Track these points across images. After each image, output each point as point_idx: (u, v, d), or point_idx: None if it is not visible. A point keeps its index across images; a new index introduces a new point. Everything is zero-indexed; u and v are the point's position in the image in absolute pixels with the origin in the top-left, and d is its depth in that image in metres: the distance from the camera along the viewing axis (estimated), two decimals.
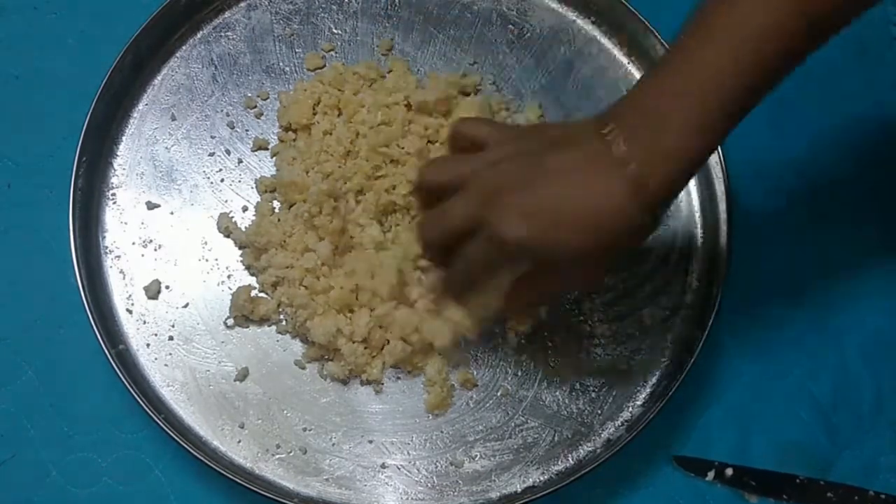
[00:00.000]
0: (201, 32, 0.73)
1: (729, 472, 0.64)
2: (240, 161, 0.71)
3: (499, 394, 0.65)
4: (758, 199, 0.72)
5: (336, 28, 0.74)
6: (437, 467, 0.63)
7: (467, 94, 0.72)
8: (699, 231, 0.70)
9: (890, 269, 0.72)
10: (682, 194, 0.70)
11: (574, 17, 0.75)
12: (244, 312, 0.65)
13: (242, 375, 0.64)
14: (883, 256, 0.72)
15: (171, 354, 0.65)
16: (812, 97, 0.76)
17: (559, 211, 0.50)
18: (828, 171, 0.74)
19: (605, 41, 0.75)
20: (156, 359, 0.65)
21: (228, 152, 0.71)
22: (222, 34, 0.74)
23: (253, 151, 0.71)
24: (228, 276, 0.67)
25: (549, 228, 0.50)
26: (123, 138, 0.70)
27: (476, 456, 0.63)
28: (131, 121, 0.71)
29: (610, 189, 0.49)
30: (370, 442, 0.63)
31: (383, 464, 0.63)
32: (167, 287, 0.66)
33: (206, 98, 0.72)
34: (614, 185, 0.49)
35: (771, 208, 0.73)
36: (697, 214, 0.70)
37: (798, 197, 0.74)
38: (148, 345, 0.65)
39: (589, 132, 0.51)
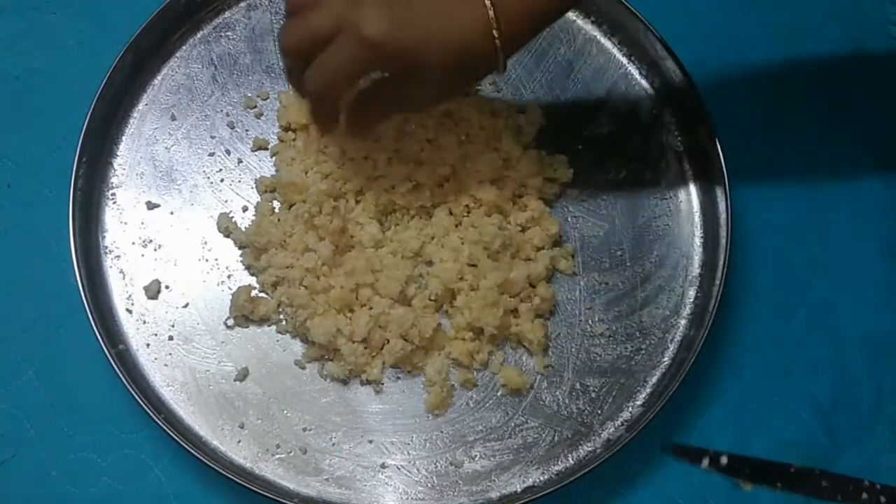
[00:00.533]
0: (201, 32, 0.73)
1: (724, 460, 0.64)
2: (240, 161, 0.71)
3: (498, 394, 0.65)
4: (757, 200, 0.72)
5: None
6: (436, 467, 0.63)
7: (467, 95, 0.72)
8: (699, 231, 0.70)
9: (890, 269, 0.72)
10: (682, 193, 0.71)
11: (574, 17, 0.75)
12: (244, 312, 0.65)
13: (242, 375, 0.64)
14: (883, 256, 0.72)
15: (170, 354, 0.65)
16: (812, 97, 0.76)
17: (423, 23, 0.54)
18: (828, 173, 0.74)
19: (604, 41, 0.75)
20: (156, 359, 0.65)
21: (228, 152, 0.71)
22: (222, 34, 0.74)
23: (253, 151, 0.71)
24: (228, 276, 0.67)
25: (412, 34, 0.53)
26: (123, 138, 0.70)
27: (476, 456, 0.63)
28: (131, 121, 0.71)
29: (474, 18, 0.54)
30: (370, 442, 0.63)
31: (383, 464, 0.63)
32: (167, 287, 0.66)
33: (206, 98, 0.72)
34: (478, 15, 0.54)
35: (770, 209, 0.73)
36: (697, 214, 0.70)
37: (798, 197, 0.74)
38: (148, 345, 0.65)
39: None
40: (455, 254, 0.65)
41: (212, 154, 0.70)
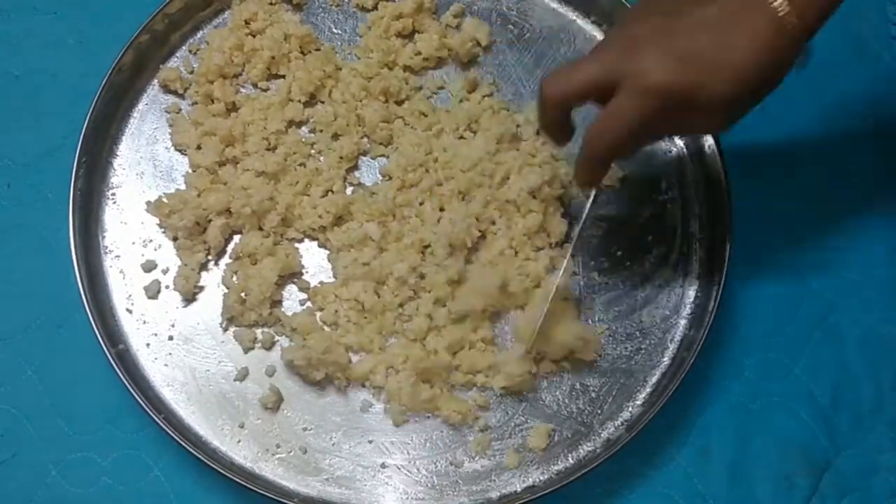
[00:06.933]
0: (201, 32, 0.73)
1: None
2: None
3: (499, 393, 0.65)
4: (757, 198, 0.72)
5: (336, 28, 0.74)
6: (436, 467, 0.63)
7: (470, 92, 0.72)
8: (698, 231, 0.70)
9: (891, 269, 0.72)
10: (682, 192, 0.70)
11: (574, 17, 0.75)
12: (234, 314, 0.65)
13: (242, 375, 0.64)
14: (883, 256, 0.72)
15: (170, 354, 0.65)
16: (811, 95, 0.76)
17: (713, 56, 0.49)
18: (827, 170, 0.74)
19: None
20: (155, 358, 0.65)
21: None
22: None
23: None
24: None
25: (698, 72, 0.49)
26: (123, 138, 0.70)
27: (476, 455, 0.63)
28: (131, 121, 0.71)
29: (765, 30, 0.49)
30: (370, 442, 0.63)
31: (383, 463, 0.63)
32: (167, 287, 0.66)
33: None
34: (770, 23, 0.49)
35: (770, 207, 0.73)
36: (697, 213, 0.70)
37: (797, 195, 0.73)
38: (148, 344, 0.65)
39: None
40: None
41: None
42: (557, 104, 0.54)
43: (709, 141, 0.69)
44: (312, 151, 0.70)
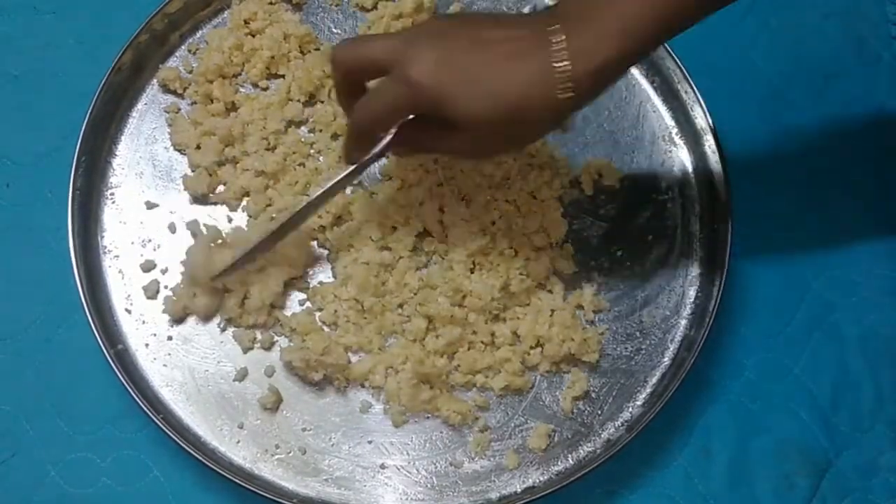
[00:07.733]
0: (201, 32, 0.73)
1: None
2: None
3: (498, 394, 0.65)
4: (756, 199, 0.72)
5: (336, 28, 0.74)
6: (436, 468, 0.63)
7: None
8: (698, 231, 0.69)
9: (890, 269, 0.72)
10: (682, 192, 0.70)
11: None
12: (232, 315, 0.65)
13: (241, 375, 0.64)
14: (883, 256, 0.72)
15: (169, 354, 0.65)
16: (811, 95, 0.76)
17: (478, 75, 0.50)
18: (826, 171, 0.74)
19: None
20: (155, 359, 0.65)
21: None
22: None
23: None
24: None
25: (460, 86, 0.50)
26: (123, 138, 0.70)
27: (475, 456, 0.63)
28: (131, 120, 0.71)
29: (538, 75, 0.50)
30: (369, 442, 0.63)
31: (382, 464, 0.63)
32: (166, 287, 0.66)
33: None
34: (544, 73, 0.49)
35: (769, 208, 0.73)
36: (697, 213, 0.70)
37: (796, 196, 0.73)
38: (147, 345, 0.65)
39: (534, 22, 0.52)
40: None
41: None
42: (338, 68, 0.56)
43: (709, 141, 0.69)
44: (312, 151, 0.70)
